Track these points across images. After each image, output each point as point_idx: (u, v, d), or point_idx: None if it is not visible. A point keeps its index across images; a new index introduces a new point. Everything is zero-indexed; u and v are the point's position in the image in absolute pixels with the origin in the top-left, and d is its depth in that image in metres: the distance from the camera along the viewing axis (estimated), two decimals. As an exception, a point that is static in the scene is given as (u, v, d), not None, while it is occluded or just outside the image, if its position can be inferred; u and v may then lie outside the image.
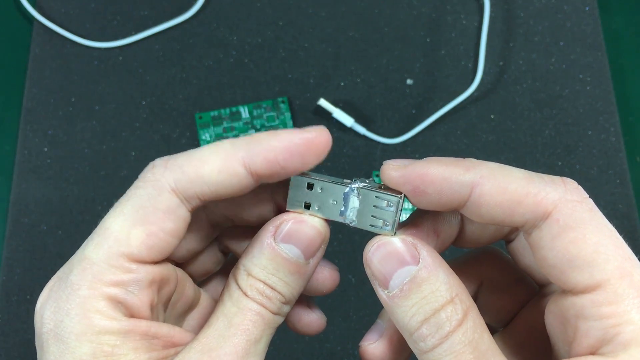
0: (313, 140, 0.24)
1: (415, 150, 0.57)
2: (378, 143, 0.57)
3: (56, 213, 0.55)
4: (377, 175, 0.56)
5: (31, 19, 0.61)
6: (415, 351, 0.23)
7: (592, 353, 0.21)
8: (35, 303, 0.24)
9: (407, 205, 0.56)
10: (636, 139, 0.59)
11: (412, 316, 0.22)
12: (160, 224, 0.24)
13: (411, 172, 0.24)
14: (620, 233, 0.23)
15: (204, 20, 0.61)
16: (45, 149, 0.57)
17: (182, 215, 0.24)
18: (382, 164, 0.25)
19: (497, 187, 0.22)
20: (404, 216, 0.55)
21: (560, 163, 0.57)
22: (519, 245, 0.27)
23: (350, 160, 0.57)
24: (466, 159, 0.23)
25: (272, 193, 0.27)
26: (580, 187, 0.23)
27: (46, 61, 0.60)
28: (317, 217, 0.25)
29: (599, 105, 0.59)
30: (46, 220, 0.55)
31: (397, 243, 0.24)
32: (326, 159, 0.63)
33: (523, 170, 0.23)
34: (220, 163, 0.24)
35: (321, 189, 0.25)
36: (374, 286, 0.24)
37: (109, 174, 0.56)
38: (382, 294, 0.23)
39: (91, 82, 0.59)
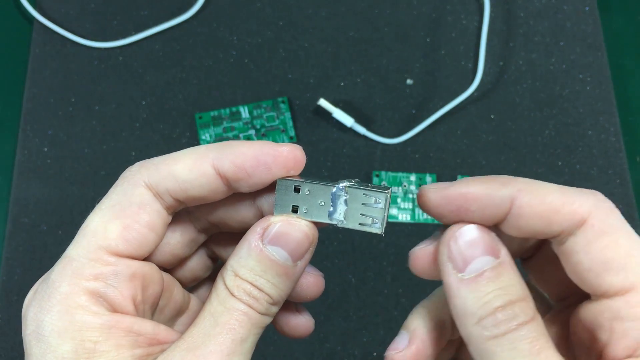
0: (282, 154, 0.25)
1: (415, 150, 0.57)
2: (378, 143, 0.57)
3: (56, 213, 0.55)
4: (377, 176, 0.56)
5: (31, 19, 0.61)
6: (477, 338, 0.23)
7: (629, 356, 0.22)
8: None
9: (408, 205, 0.56)
10: (636, 139, 0.59)
11: (487, 302, 0.22)
12: (134, 217, 0.24)
13: (453, 192, 0.24)
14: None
15: (204, 20, 0.61)
16: (45, 149, 0.57)
17: (157, 209, 0.25)
18: (418, 191, 0.25)
19: (535, 199, 0.23)
20: (405, 216, 0.56)
21: (560, 163, 0.57)
22: (538, 261, 0.28)
23: (350, 160, 0.57)
24: (499, 175, 0.24)
25: (255, 199, 0.27)
26: (607, 198, 0.24)
27: (46, 61, 0.60)
28: (305, 220, 0.25)
29: (599, 105, 0.59)
30: (46, 220, 0.55)
31: (484, 233, 0.24)
32: (326, 159, 0.63)
33: (553, 184, 0.24)
34: (191, 162, 0.25)
35: (308, 191, 0.25)
36: (444, 268, 0.23)
37: (109, 174, 0.56)
38: (452, 277, 0.23)
39: (91, 82, 0.59)
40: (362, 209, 0.25)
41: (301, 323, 0.29)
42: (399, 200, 0.55)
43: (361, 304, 0.53)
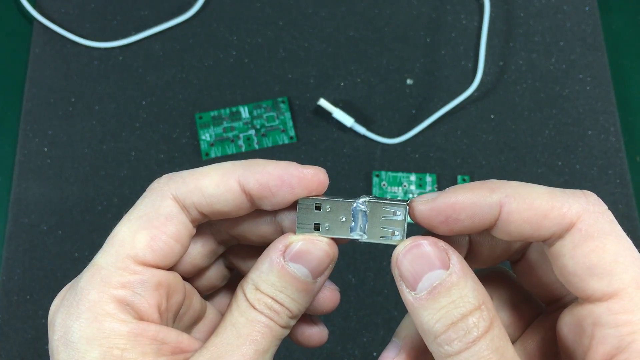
0: (306, 176, 0.25)
1: (415, 150, 0.57)
2: (378, 143, 0.57)
3: (56, 213, 0.55)
4: (377, 176, 0.56)
5: (31, 19, 0.61)
6: (437, 355, 0.23)
7: None
8: (35, 303, 0.24)
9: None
10: (636, 139, 0.59)
11: (439, 319, 0.22)
12: (162, 228, 0.25)
13: (441, 203, 0.24)
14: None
15: (204, 20, 0.61)
16: (45, 149, 0.57)
17: (183, 221, 0.25)
18: (410, 203, 0.25)
19: (523, 204, 0.23)
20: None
21: (560, 163, 0.57)
22: (525, 265, 0.28)
23: (350, 160, 0.57)
24: (487, 180, 0.24)
25: (276, 215, 0.27)
26: (600, 199, 0.23)
27: (46, 61, 0.60)
28: (327, 237, 0.26)
29: (599, 105, 0.59)
30: (46, 220, 0.55)
31: (430, 246, 0.24)
32: (326, 159, 0.63)
33: (544, 186, 0.24)
34: (218, 178, 0.25)
35: (329, 208, 0.26)
36: (399, 287, 0.24)
37: (109, 174, 0.56)
38: (408, 296, 0.23)
39: (91, 82, 0.59)
40: (382, 222, 0.26)
41: (315, 333, 0.30)
42: (399, 200, 0.55)
43: (361, 304, 0.53)
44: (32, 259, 0.54)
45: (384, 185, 0.56)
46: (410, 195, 0.56)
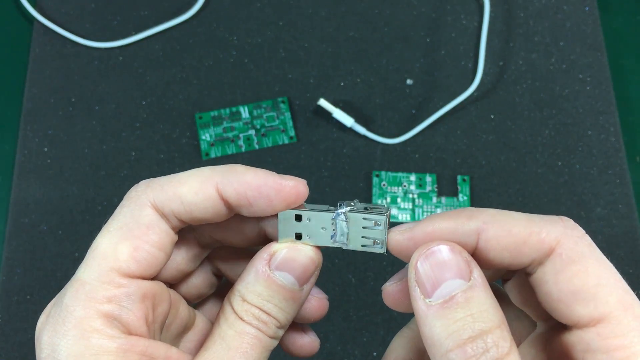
0: (285, 188, 0.25)
1: (415, 150, 0.57)
2: (378, 143, 0.57)
3: (56, 213, 0.55)
4: (377, 176, 0.56)
5: (31, 19, 0.61)
6: None
7: None
8: (35, 303, 0.24)
9: (408, 205, 0.56)
10: (636, 139, 0.59)
11: (455, 332, 0.21)
12: (144, 237, 0.24)
13: (418, 232, 0.24)
14: (621, 233, 0.23)
15: (204, 20, 0.61)
16: (45, 149, 0.57)
17: (164, 229, 0.25)
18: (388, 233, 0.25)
19: (501, 231, 0.23)
20: (405, 216, 0.55)
21: (560, 163, 0.57)
22: (516, 283, 0.27)
23: (350, 160, 0.57)
24: (464, 208, 0.24)
25: (259, 220, 0.27)
26: (577, 224, 0.23)
27: (46, 61, 0.60)
28: (310, 245, 0.26)
29: (599, 105, 0.59)
30: (46, 220, 0.55)
31: (453, 253, 0.23)
32: (326, 159, 0.63)
33: (521, 213, 0.23)
34: (197, 185, 0.25)
35: (309, 219, 0.26)
36: (412, 293, 0.23)
37: (109, 174, 0.56)
38: (420, 303, 0.22)
39: (91, 82, 0.59)
40: (363, 232, 0.25)
41: (306, 343, 0.29)
42: (398, 200, 0.55)
43: (361, 304, 0.53)
44: (32, 259, 0.54)
45: (384, 185, 0.56)
46: (410, 196, 0.56)
